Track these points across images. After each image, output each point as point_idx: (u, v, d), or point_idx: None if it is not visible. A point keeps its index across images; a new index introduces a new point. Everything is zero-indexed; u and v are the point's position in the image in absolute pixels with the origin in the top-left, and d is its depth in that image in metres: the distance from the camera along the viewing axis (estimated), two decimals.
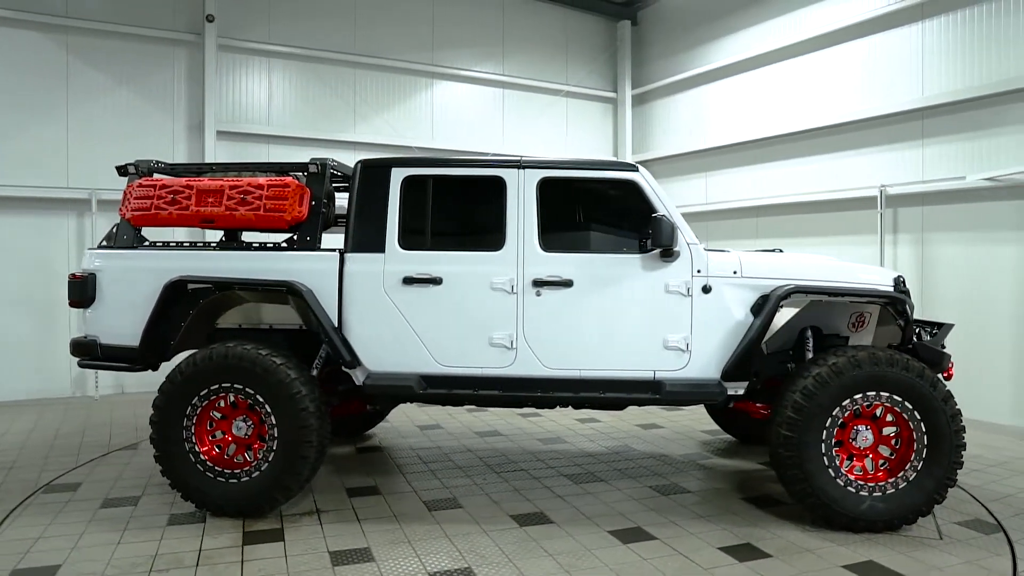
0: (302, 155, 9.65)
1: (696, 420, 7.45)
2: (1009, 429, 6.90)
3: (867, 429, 4.42)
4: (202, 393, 4.54)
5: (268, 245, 4.96)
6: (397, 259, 4.70)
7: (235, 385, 4.51)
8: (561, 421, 7.45)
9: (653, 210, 4.67)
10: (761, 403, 5.06)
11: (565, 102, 12.12)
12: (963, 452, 4.29)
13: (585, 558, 3.96)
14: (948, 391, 4.30)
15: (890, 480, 4.31)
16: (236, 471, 4.53)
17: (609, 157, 12.34)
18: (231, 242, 5.16)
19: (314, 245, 4.84)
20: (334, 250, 4.80)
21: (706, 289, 4.64)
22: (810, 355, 4.86)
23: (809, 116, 9.00)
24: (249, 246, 4.97)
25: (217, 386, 4.53)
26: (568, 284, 4.63)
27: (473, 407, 7.92)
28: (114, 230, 5.13)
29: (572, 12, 12.10)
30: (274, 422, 4.48)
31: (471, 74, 11.11)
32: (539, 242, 4.67)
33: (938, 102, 7.64)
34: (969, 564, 3.87)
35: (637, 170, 4.77)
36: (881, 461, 4.44)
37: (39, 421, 7.29)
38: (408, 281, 4.67)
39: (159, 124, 9.06)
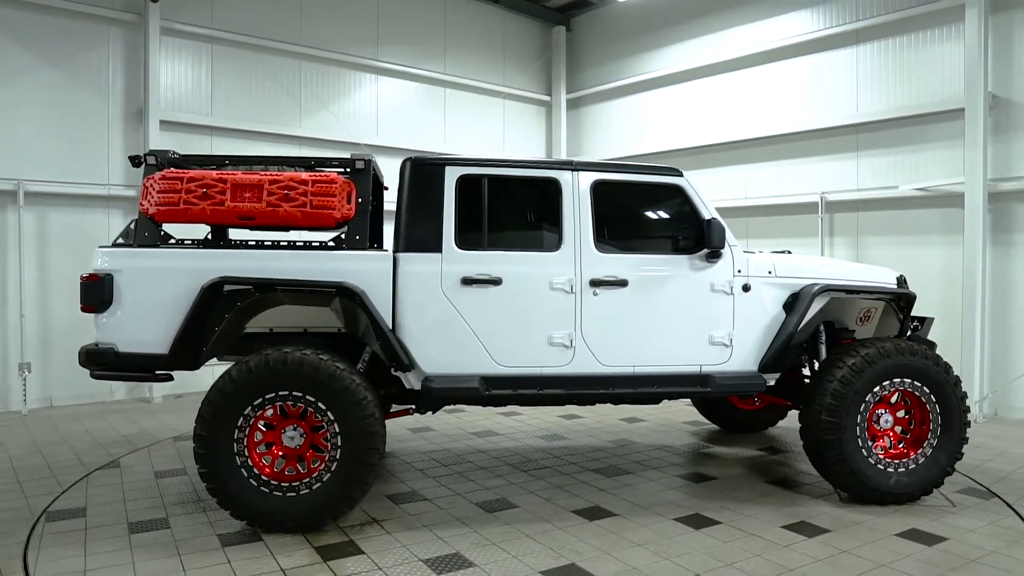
0: (246, 149, 9.13)
1: (673, 412, 7.85)
2: None
3: (886, 412, 4.93)
4: (256, 403, 4.24)
5: (313, 244, 4.71)
6: (455, 259, 4.63)
7: (293, 393, 4.25)
8: (545, 418, 7.59)
9: (696, 212, 4.93)
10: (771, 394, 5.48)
11: (503, 103, 12.24)
12: (968, 429, 4.90)
13: (673, 545, 4.13)
14: (957, 376, 4.90)
15: (912, 457, 4.83)
16: (295, 484, 4.27)
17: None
18: (217, 239, 4.89)
19: (364, 244, 4.66)
20: (384, 250, 4.66)
21: (746, 288, 4.96)
22: (823, 348, 5.34)
23: (756, 125, 9.71)
24: (292, 245, 4.70)
25: (273, 394, 4.25)
26: (623, 284, 4.77)
27: (453, 407, 7.87)
28: (132, 226, 4.67)
29: (510, 15, 12.24)
30: (338, 430, 4.27)
31: (415, 72, 10.95)
32: (594, 243, 4.78)
33: (871, 119, 8.55)
34: (991, 526, 4.44)
35: (682, 175, 5.01)
36: (899, 440, 4.97)
37: None
38: (467, 282, 4.61)
39: (92, 109, 8.21)
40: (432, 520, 4.55)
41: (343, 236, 4.69)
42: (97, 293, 4.40)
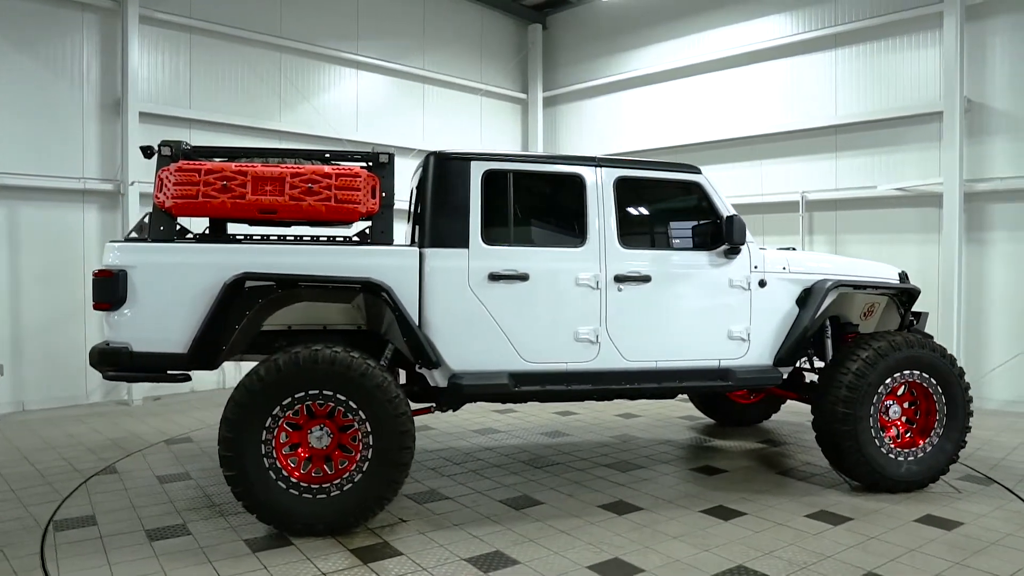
0: (225, 143, 8.85)
1: (666, 407, 7.96)
2: None
3: (894, 403, 5.10)
4: (285, 402, 4.11)
5: (338, 239, 4.60)
6: (481, 255, 4.59)
7: (324, 392, 4.14)
8: (542, 415, 7.59)
9: (714, 209, 5.02)
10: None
11: (480, 100, 12.19)
12: (971, 418, 5.12)
13: (708, 537, 4.19)
14: (961, 368, 5.10)
15: (920, 445, 5.02)
16: (324, 485, 4.16)
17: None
18: (216, 234, 4.81)
19: (390, 240, 4.58)
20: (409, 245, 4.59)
21: (762, 283, 5.07)
22: (829, 342, 5.49)
23: (736, 126, 9.92)
24: (316, 240, 4.58)
25: (303, 394, 4.12)
26: (646, 279, 4.82)
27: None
28: (145, 220, 4.46)
29: (487, 11, 12.20)
30: (369, 429, 4.18)
31: (394, 67, 10.81)
32: (618, 239, 4.81)
33: (849, 121, 8.84)
34: (999, 510, 4.64)
35: (700, 172, 5.08)
36: (906, 430, 5.15)
37: None
38: (494, 277, 4.58)
39: (67, 99, 7.84)
40: (461, 519, 4.50)
41: (367, 231, 4.60)
42: (110, 290, 4.19)
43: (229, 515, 4.51)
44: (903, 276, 5.57)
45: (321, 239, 5.01)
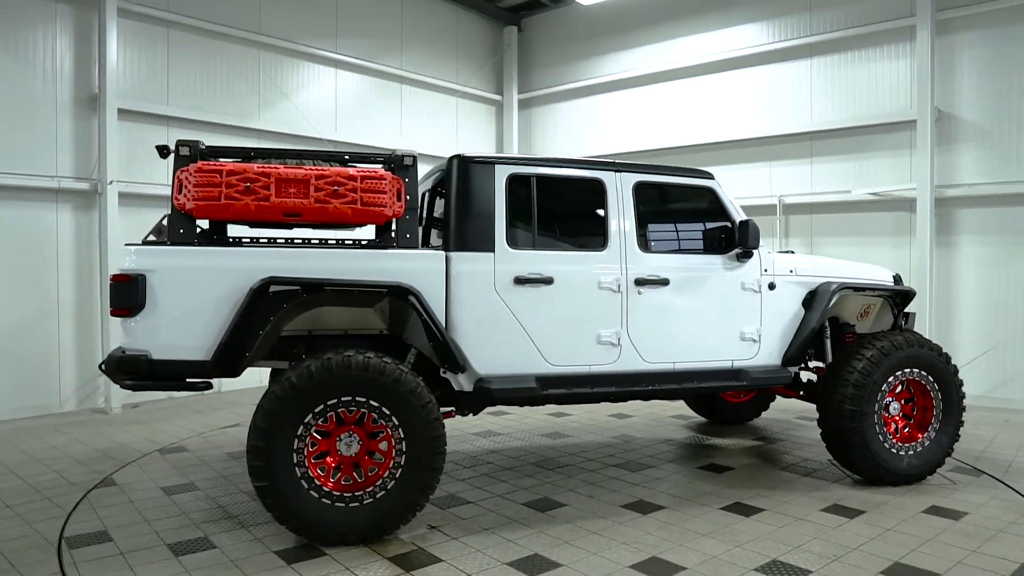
0: (205, 140, 8.58)
1: (657, 407, 8.10)
2: None
3: (894, 400, 5.33)
4: (317, 410, 4.03)
5: (363, 243, 4.53)
6: (507, 259, 4.60)
7: (357, 398, 4.08)
8: (537, 417, 7.63)
9: (726, 213, 5.15)
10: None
11: (456, 102, 12.16)
12: (964, 413, 5.39)
13: (735, 533, 4.30)
14: (956, 366, 5.37)
15: (919, 440, 5.25)
16: (357, 493, 4.10)
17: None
18: (215, 235, 4.67)
19: (416, 243, 4.54)
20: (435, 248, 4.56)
21: (772, 286, 5.23)
22: (828, 342, 5.69)
23: (714, 130, 10.17)
24: (341, 244, 4.50)
25: (336, 400, 4.05)
26: (665, 283, 4.91)
27: None
28: (163, 222, 4.31)
29: (463, 12, 12.18)
30: (402, 435, 4.13)
31: (373, 66, 10.69)
32: (637, 243, 4.88)
33: (823, 127, 9.17)
34: (996, 499, 4.91)
35: (713, 178, 5.20)
36: (904, 426, 5.38)
37: None
38: (520, 281, 4.60)
39: (39, 94, 7.48)
40: (489, 523, 4.49)
41: (393, 235, 4.54)
42: (129, 295, 4.04)
43: (251, 526, 4.39)
44: (897, 278, 5.82)
45: (329, 242, 4.94)
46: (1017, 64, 7.84)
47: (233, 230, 5.00)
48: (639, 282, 4.84)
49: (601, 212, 4.86)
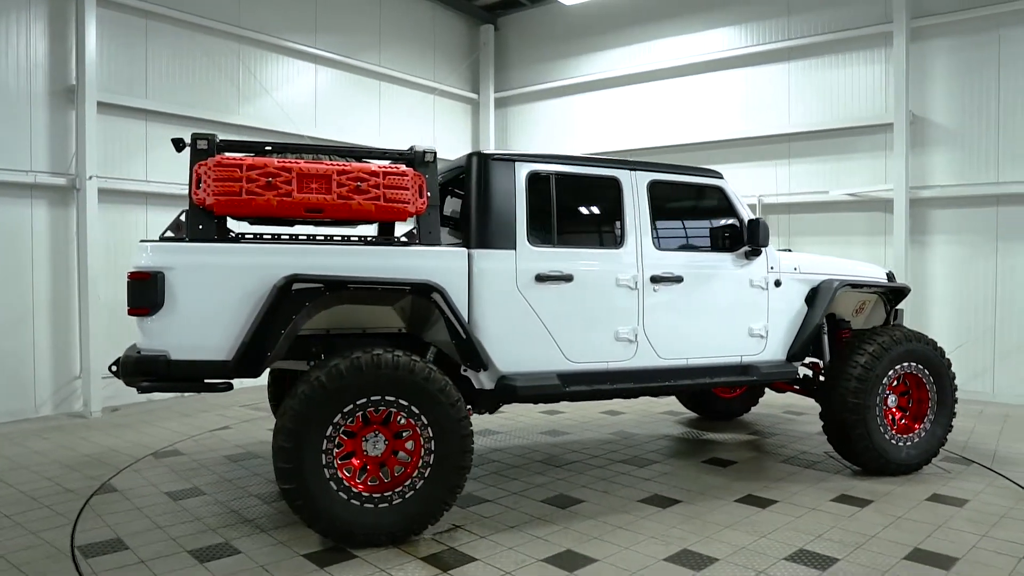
0: (184, 135, 8.34)
1: (646, 404, 8.20)
2: None
3: (891, 393, 5.53)
4: (347, 409, 3.96)
5: (386, 240, 4.47)
6: (528, 256, 4.61)
7: (386, 397, 4.02)
8: (528, 415, 7.65)
9: (735, 211, 5.26)
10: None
11: (433, 100, 12.08)
12: (956, 404, 5.62)
13: (756, 524, 4.39)
14: (949, 359, 5.59)
15: (916, 431, 5.46)
16: (387, 494, 4.04)
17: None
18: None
19: (438, 240, 4.50)
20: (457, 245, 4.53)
21: (777, 283, 5.36)
22: (825, 338, 5.86)
23: (693, 131, 10.34)
24: (364, 241, 4.44)
25: (365, 400, 3.99)
26: (679, 280, 4.98)
27: None
28: (181, 218, 4.17)
29: (440, 9, 12.10)
30: (431, 434, 4.10)
31: (351, 62, 10.54)
32: (652, 240, 4.95)
33: (801, 130, 9.43)
34: (990, 487, 5.14)
35: (722, 177, 5.31)
36: (900, 418, 5.58)
37: None
38: (541, 278, 4.61)
39: (12, 85, 7.14)
40: (513, 520, 4.49)
41: (415, 231, 4.50)
42: (147, 293, 3.89)
43: (270, 530, 4.29)
44: (890, 276, 6.04)
45: (336, 238, 4.86)
46: (986, 71, 8.21)
47: (232, 227, 4.86)
48: (655, 279, 4.90)
49: (617, 210, 4.91)
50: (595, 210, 5.07)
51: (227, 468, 5.62)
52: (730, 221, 5.27)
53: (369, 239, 4.67)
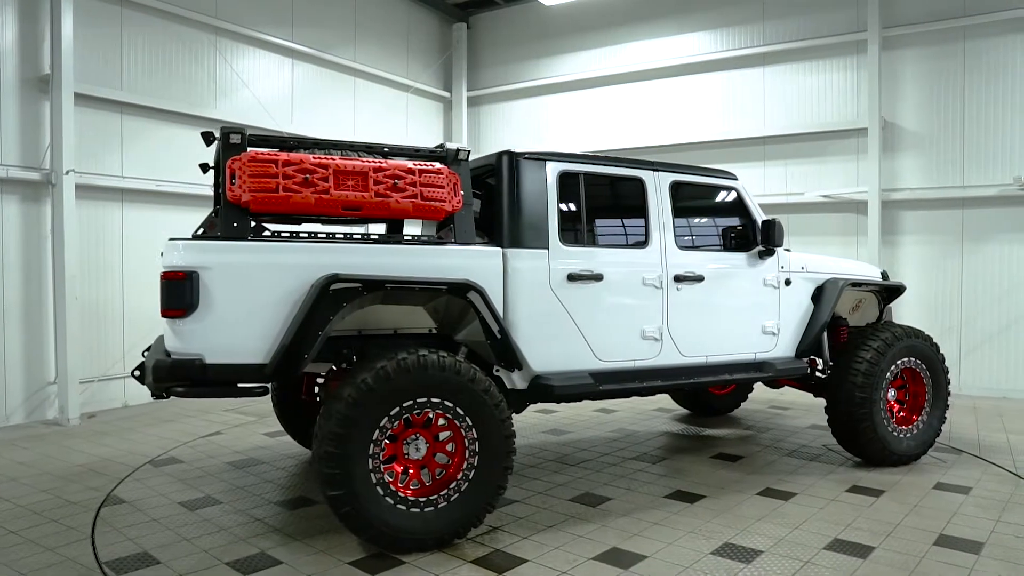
0: (160, 129, 8.02)
1: (637, 401, 8.31)
2: None
3: (889, 387, 5.77)
4: (393, 412, 3.88)
5: (423, 239, 4.39)
6: (560, 255, 4.61)
7: (432, 399, 3.96)
8: (526, 413, 7.64)
9: (749, 212, 5.40)
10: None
11: (407, 97, 11.94)
12: (950, 396, 5.91)
13: (784, 516, 4.52)
14: (943, 354, 5.88)
15: (915, 423, 5.71)
16: (432, 497, 3.98)
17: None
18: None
19: (472, 239, 4.45)
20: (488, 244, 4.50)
21: (788, 282, 5.53)
22: (825, 335, 6.06)
23: (667, 133, 10.53)
24: (401, 239, 4.34)
25: (411, 402, 3.91)
26: (700, 279, 5.08)
27: None
28: (214, 215, 3.99)
29: (414, 6, 11.97)
30: (476, 435, 4.05)
31: (327, 58, 10.31)
32: (675, 240, 5.02)
33: (775, 133, 9.74)
34: (987, 475, 5.42)
35: (737, 179, 5.44)
36: (898, 411, 5.83)
37: None
38: (572, 278, 4.62)
39: None
40: (549, 520, 4.48)
41: (451, 230, 4.43)
42: (183, 294, 3.72)
43: (306, 538, 4.16)
44: (884, 275, 6.30)
45: (354, 236, 4.74)
46: (953, 79, 8.66)
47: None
48: (678, 278, 4.98)
49: (642, 210, 4.96)
50: (620, 210, 5.11)
51: (235, 475, 5.41)
52: (745, 221, 5.41)
53: (409, 238, 4.56)
